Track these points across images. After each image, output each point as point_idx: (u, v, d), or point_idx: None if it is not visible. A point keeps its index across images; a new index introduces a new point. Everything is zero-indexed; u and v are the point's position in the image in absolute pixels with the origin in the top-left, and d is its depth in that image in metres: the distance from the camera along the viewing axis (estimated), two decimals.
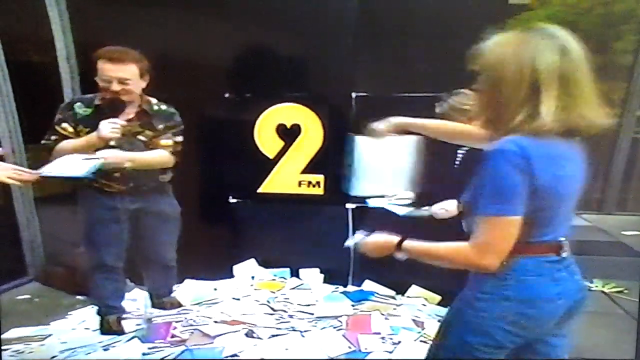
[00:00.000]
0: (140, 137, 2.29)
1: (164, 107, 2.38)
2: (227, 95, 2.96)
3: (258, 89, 2.97)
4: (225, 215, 3.01)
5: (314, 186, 2.94)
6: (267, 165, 2.94)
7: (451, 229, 1.33)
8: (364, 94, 2.88)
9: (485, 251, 1.18)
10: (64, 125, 2.23)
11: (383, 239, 1.40)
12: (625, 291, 2.95)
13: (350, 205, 2.94)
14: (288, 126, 2.93)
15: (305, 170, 2.93)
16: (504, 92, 1.15)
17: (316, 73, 2.93)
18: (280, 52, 2.90)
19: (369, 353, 2.27)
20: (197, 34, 2.83)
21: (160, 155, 2.31)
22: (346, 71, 2.89)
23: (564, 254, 1.23)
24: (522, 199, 1.14)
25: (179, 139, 2.37)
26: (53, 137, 2.22)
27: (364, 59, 2.86)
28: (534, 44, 1.14)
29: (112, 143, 2.19)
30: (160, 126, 2.35)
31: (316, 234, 3.00)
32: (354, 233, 2.89)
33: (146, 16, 2.82)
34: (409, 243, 1.34)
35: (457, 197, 1.45)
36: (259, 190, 2.95)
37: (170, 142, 2.35)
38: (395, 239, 1.36)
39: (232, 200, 3.02)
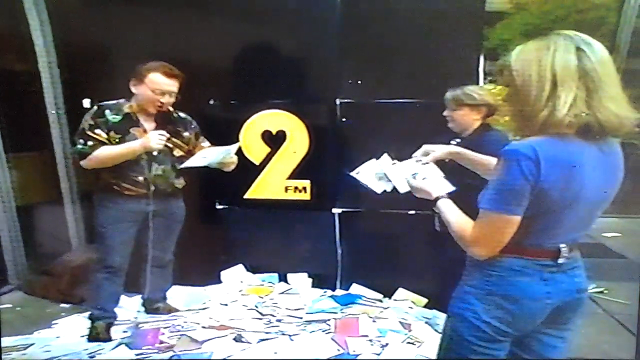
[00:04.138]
0: (168, 144, 2.38)
1: (182, 114, 2.50)
2: (212, 102, 2.97)
3: (243, 96, 2.98)
4: (212, 221, 3.01)
5: (300, 192, 2.95)
6: (253, 171, 2.95)
7: None
8: (349, 100, 2.91)
9: (478, 240, 1.24)
10: (98, 131, 2.30)
11: (429, 187, 1.45)
12: (605, 291, 3.01)
13: (336, 210, 2.96)
14: (273, 132, 2.95)
15: (292, 176, 2.95)
16: (529, 93, 1.20)
17: (301, 80, 2.96)
18: (265, 59, 2.92)
19: (357, 355, 2.27)
20: (181, 41, 2.84)
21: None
22: (331, 78, 2.93)
23: (561, 260, 1.25)
24: (524, 202, 1.18)
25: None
26: (90, 143, 2.27)
27: (348, 66, 2.91)
28: (553, 46, 1.20)
29: (154, 153, 2.32)
30: (186, 134, 2.48)
31: (303, 239, 3.01)
32: (340, 238, 2.95)
33: (130, 24, 2.83)
34: (443, 202, 1.37)
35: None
36: (246, 196, 2.96)
37: (208, 143, 2.54)
38: (439, 193, 1.41)
39: (218, 206, 3.02)
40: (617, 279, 3.01)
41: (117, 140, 2.30)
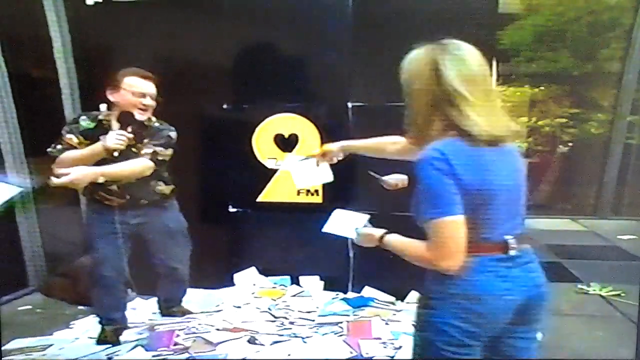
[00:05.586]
0: (133, 149, 2.35)
1: (157, 124, 2.44)
2: (225, 106, 3.00)
3: (255, 100, 3.01)
4: (225, 225, 3.04)
5: (312, 195, 2.97)
6: (265, 174, 2.98)
7: None
8: (360, 103, 2.92)
9: (440, 253, 1.23)
10: (69, 136, 2.33)
11: (371, 231, 1.48)
12: (622, 294, 2.97)
13: None
14: (286, 136, 2.97)
15: None
16: (417, 103, 1.29)
17: (313, 83, 2.98)
18: (277, 63, 2.94)
19: (370, 358, 2.28)
20: (194, 46, 2.89)
21: (137, 163, 2.33)
22: (342, 81, 2.94)
23: (512, 252, 1.26)
24: (457, 199, 1.20)
25: (160, 149, 2.38)
26: (58, 147, 2.32)
27: (360, 69, 2.92)
28: (440, 57, 1.26)
29: (115, 154, 2.27)
30: (146, 140, 2.39)
31: (315, 241, 3.01)
32: (352, 240, 2.95)
33: (144, 30, 2.88)
34: (389, 237, 1.40)
35: None
36: (259, 199, 2.99)
37: (150, 150, 2.36)
38: (379, 232, 1.43)
39: (232, 209, 3.05)
40: (633, 282, 2.97)
41: (86, 145, 2.31)
